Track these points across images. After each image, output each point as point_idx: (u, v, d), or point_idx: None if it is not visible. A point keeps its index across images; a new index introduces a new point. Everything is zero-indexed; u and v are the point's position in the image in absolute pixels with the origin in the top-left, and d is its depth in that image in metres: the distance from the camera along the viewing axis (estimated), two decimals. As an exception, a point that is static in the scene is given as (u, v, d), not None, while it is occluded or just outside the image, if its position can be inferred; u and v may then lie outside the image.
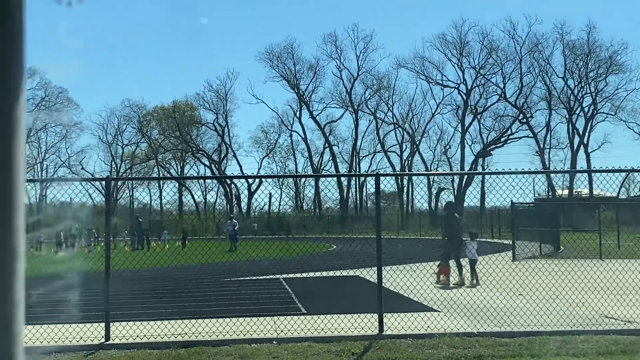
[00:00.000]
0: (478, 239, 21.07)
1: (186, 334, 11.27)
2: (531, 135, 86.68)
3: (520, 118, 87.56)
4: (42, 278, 20.17)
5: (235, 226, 41.92)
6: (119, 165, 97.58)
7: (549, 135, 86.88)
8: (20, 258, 0.62)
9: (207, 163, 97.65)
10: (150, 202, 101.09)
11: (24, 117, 0.58)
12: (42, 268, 24.17)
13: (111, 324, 11.22)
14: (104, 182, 12.98)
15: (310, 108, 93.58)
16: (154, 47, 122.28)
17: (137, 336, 11.17)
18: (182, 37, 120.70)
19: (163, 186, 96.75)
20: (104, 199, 13.77)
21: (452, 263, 18.70)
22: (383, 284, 11.94)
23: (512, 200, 27.52)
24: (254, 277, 21.76)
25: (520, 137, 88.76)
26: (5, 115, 0.55)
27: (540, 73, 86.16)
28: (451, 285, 18.08)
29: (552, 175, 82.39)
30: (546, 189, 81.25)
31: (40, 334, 11.19)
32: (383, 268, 11.93)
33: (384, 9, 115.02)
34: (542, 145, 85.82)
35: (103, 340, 10.95)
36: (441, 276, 18.51)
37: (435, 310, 13.58)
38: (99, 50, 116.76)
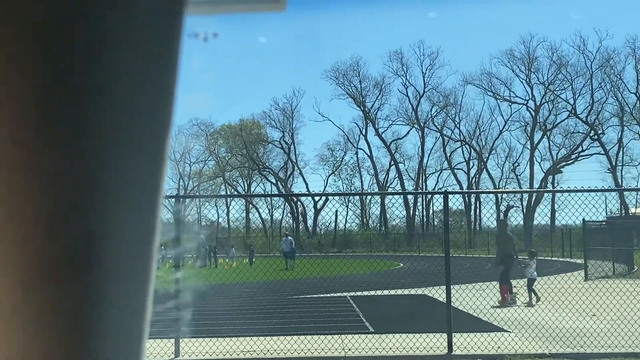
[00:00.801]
0: (542, 258, 20.93)
1: (254, 351, 11.34)
2: (603, 152, 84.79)
3: (591, 135, 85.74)
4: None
5: (292, 244, 41.66)
6: (186, 182, 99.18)
7: (621, 152, 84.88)
8: (153, 278, 0.68)
9: (274, 181, 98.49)
10: (218, 219, 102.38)
11: (169, 147, 0.65)
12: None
13: (181, 340, 11.37)
14: (172, 200, 13.23)
15: (376, 125, 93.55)
16: (219, 66, 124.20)
17: (207, 353, 11.29)
18: (247, 55, 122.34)
19: (230, 203, 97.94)
20: (172, 216, 14.01)
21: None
22: (451, 303, 11.80)
23: (583, 219, 26.88)
24: (321, 295, 21.77)
25: (592, 154, 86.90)
26: (158, 147, 0.61)
27: (612, 89, 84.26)
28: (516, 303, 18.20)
29: (625, 192, 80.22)
30: (619, 207, 79.21)
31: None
32: (451, 287, 11.80)
33: (450, 25, 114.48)
34: (614, 162, 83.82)
35: (173, 356, 11.10)
36: (505, 295, 18.50)
37: (505, 331, 13.34)
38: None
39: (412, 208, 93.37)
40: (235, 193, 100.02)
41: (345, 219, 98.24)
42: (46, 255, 0.54)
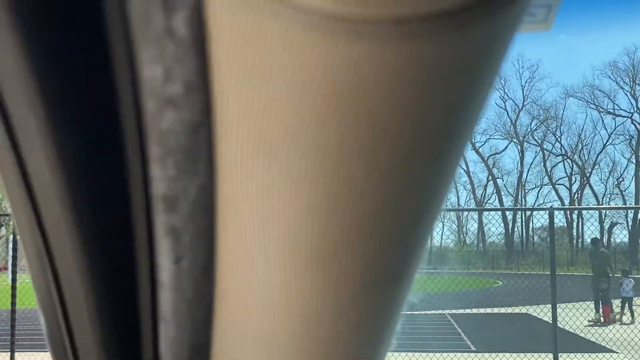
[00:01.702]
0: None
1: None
2: None
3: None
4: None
5: None
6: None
7: None
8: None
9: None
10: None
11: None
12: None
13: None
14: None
15: (473, 140, 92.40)
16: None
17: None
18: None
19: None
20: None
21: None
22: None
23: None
24: (420, 312, 21.59)
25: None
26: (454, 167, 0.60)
27: None
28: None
29: None
30: None
31: None
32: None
33: (549, 37, 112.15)
34: None
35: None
36: (609, 315, 18.42)
37: (614, 352, 12.91)
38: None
39: (510, 225, 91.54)
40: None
41: (441, 235, 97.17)
42: (383, 263, 0.56)
